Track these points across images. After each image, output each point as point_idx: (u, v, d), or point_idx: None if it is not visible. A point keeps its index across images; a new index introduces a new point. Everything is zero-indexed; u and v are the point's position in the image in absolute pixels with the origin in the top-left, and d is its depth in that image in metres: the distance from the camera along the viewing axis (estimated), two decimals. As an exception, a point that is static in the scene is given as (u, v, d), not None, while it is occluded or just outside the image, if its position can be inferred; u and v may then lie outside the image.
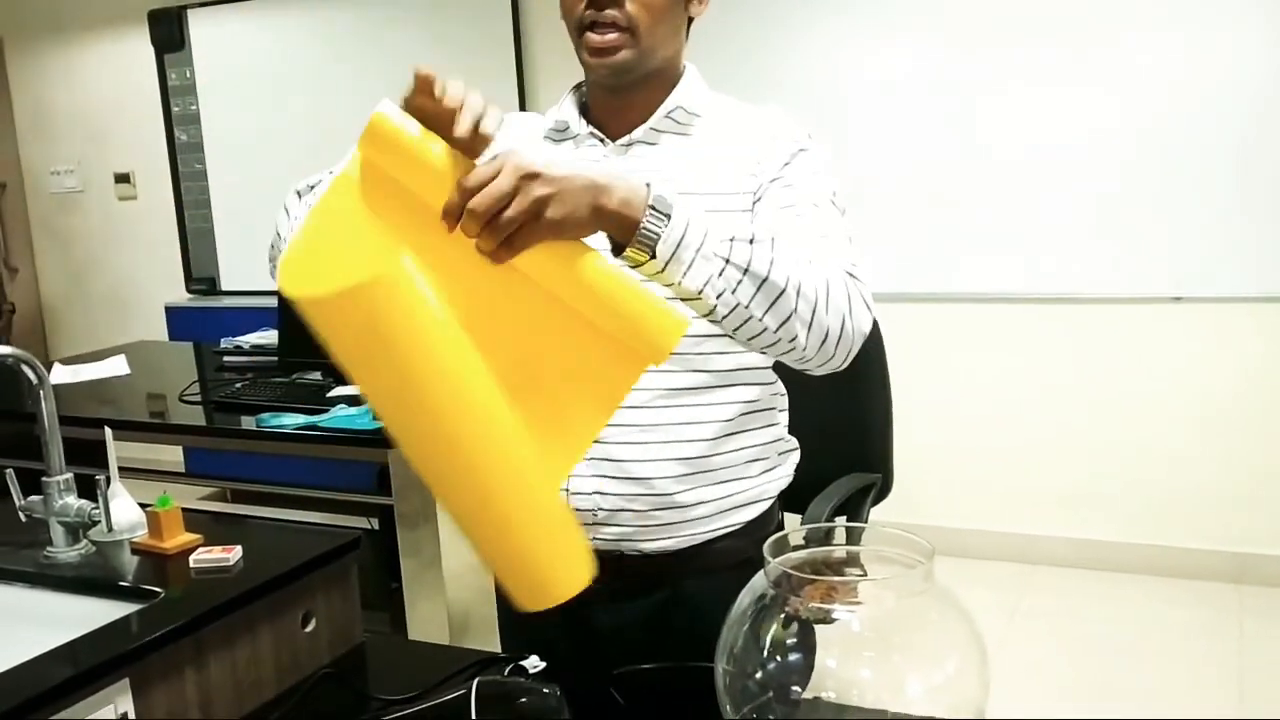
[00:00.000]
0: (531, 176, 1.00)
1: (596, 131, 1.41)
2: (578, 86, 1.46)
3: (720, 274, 1.10)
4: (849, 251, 1.28)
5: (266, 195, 5.03)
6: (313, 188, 1.39)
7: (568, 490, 1.35)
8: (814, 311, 1.15)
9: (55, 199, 5.70)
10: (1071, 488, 3.86)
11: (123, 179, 5.49)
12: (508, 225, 0.98)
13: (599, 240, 1.07)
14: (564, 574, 1.03)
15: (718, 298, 1.10)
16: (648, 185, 1.08)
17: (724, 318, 1.13)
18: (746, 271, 1.11)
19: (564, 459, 1.07)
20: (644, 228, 1.06)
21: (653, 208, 1.06)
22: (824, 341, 1.17)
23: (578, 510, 1.36)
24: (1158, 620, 3.48)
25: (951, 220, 3.83)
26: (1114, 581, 3.75)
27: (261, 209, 5.00)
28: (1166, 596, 3.62)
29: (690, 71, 1.43)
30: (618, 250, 1.08)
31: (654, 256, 1.07)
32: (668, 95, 1.39)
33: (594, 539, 1.37)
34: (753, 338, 1.15)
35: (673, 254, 1.07)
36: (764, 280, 1.11)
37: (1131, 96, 3.56)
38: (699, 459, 1.36)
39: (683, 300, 1.12)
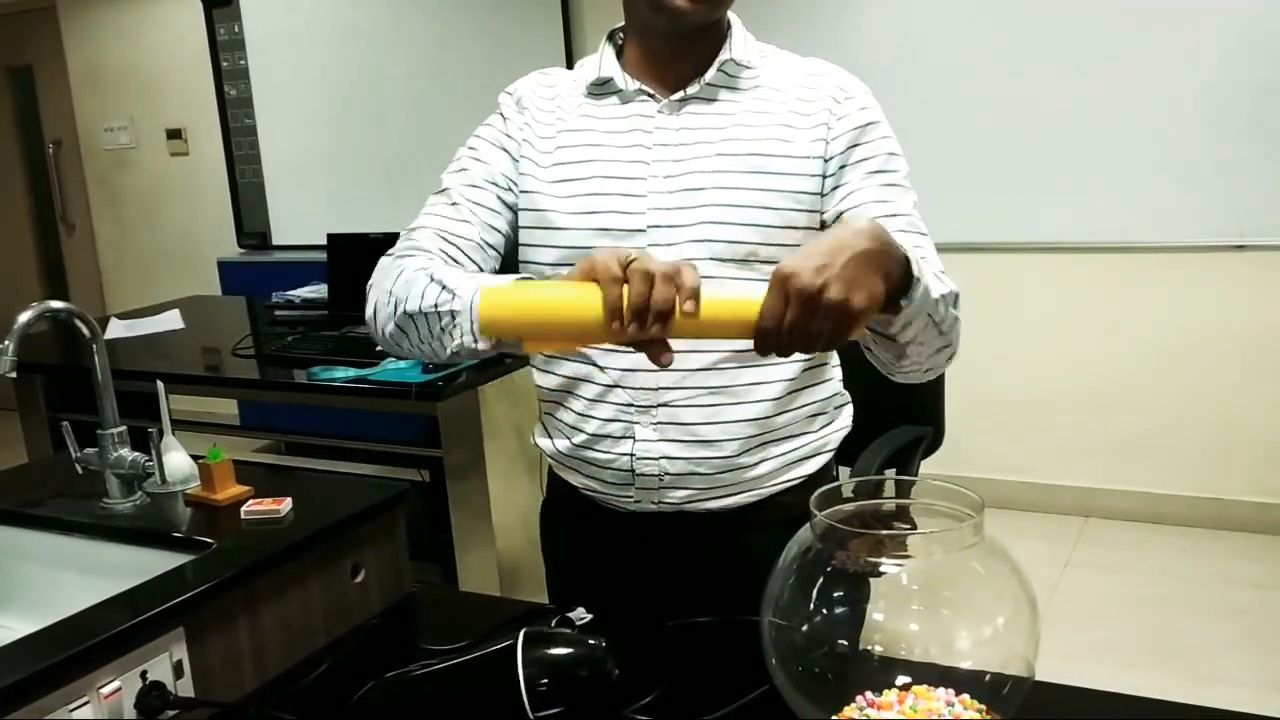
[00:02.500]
0: (816, 295, 0.95)
1: (645, 88, 1.34)
2: (612, 35, 1.40)
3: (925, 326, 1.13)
4: (936, 254, 1.28)
5: (316, 149, 5.08)
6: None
7: (633, 455, 1.33)
8: (950, 344, 1.22)
9: (109, 155, 5.76)
10: (1126, 439, 3.80)
11: (174, 135, 5.54)
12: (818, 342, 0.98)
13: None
14: None
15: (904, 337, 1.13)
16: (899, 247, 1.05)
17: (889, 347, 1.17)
18: (938, 328, 1.16)
19: None
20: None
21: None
22: (940, 362, 1.24)
23: (643, 474, 1.34)
24: (1213, 574, 3.43)
25: (1006, 168, 3.75)
26: (1169, 534, 3.70)
27: (311, 163, 5.05)
28: (1223, 550, 3.57)
29: (736, 21, 1.37)
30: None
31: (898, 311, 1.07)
32: (720, 47, 1.33)
33: (660, 501, 1.36)
34: (915, 343, 1.16)
35: (914, 310, 1.08)
36: (940, 329, 1.16)
37: (1190, 40, 3.45)
38: (766, 419, 1.34)
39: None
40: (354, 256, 3.40)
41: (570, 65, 4.60)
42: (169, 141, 5.56)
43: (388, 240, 3.42)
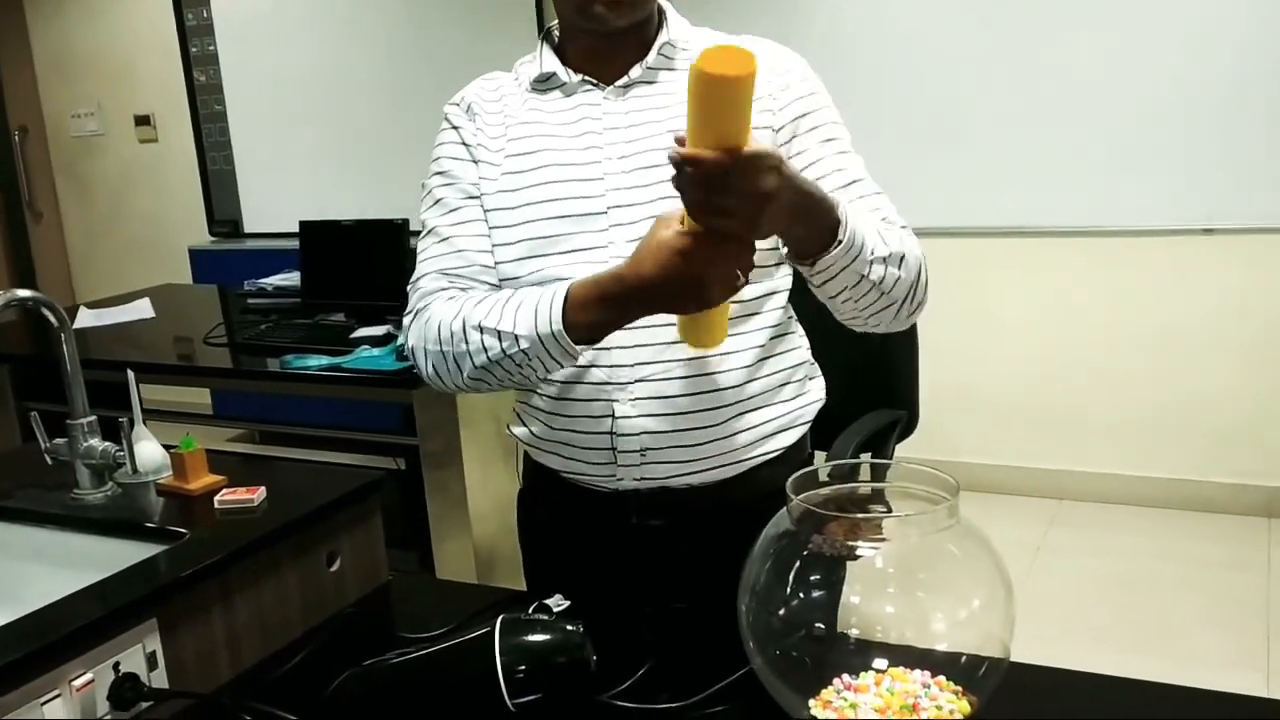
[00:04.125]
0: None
1: (589, 79, 1.37)
2: (547, 34, 1.43)
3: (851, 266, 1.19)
4: (899, 219, 1.33)
5: (287, 136, 5.04)
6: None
7: (613, 433, 1.34)
8: (894, 303, 1.26)
9: (77, 142, 5.69)
10: (1099, 423, 3.83)
11: (143, 121, 5.47)
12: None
13: None
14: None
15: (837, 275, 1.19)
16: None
17: (827, 282, 1.21)
18: (878, 287, 1.23)
19: None
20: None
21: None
22: (888, 319, 1.29)
23: (625, 451, 1.35)
24: (1185, 555, 3.46)
25: (973, 153, 3.76)
26: (1141, 516, 3.73)
27: (282, 150, 5.01)
28: (1195, 531, 3.61)
29: (667, 5, 1.40)
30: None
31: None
32: (656, 32, 1.37)
33: (641, 478, 1.36)
34: (843, 298, 1.23)
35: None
36: (880, 288, 1.23)
37: (1157, 25, 3.47)
38: (739, 387, 1.36)
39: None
40: (327, 244, 3.38)
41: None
42: (138, 128, 5.49)
43: (360, 227, 3.42)
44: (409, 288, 1.39)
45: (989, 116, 3.72)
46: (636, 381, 1.33)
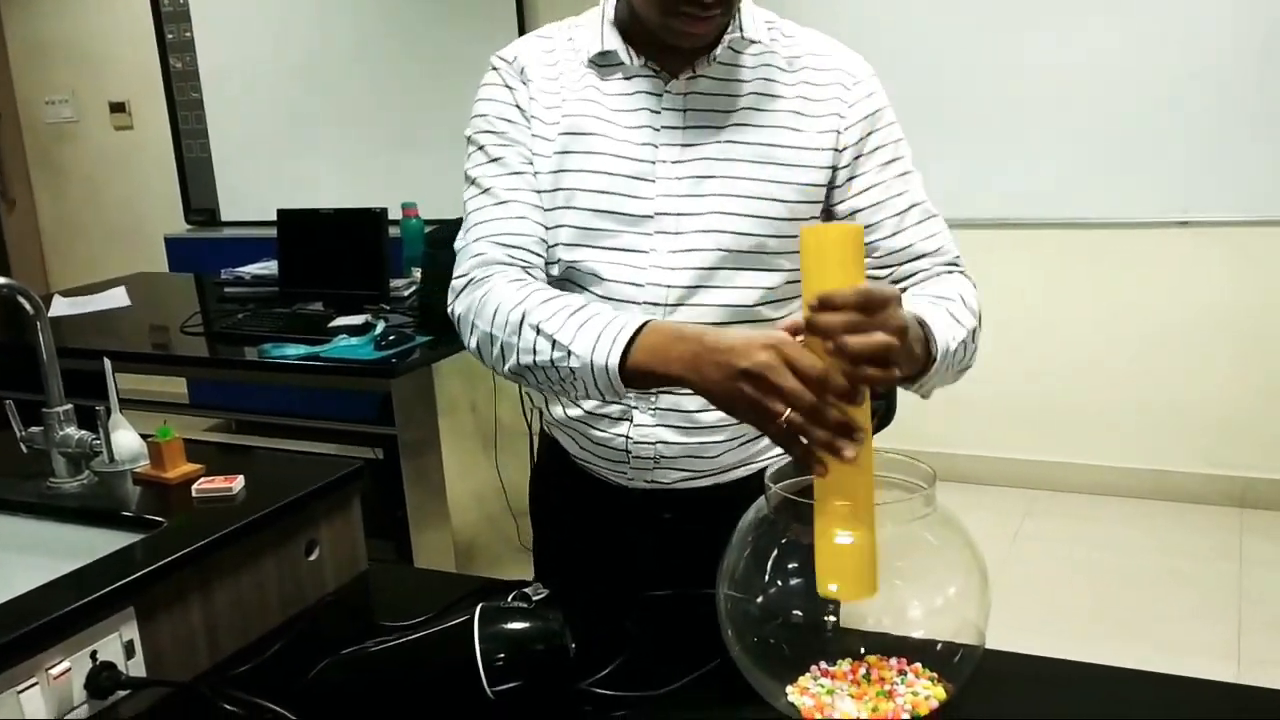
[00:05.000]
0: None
1: (652, 64, 1.28)
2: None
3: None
4: (954, 244, 1.33)
5: (265, 123, 5.00)
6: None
7: (628, 438, 1.32)
8: (967, 368, 1.27)
9: (50, 129, 5.64)
10: (1074, 413, 3.87)
11: (118, 108, 5.42)
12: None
13: None
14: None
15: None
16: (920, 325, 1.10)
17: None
18: (958, 370, 1.22)
19: None
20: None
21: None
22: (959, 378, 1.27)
23: (638, 457, 1.33)
24: (1159, 544, 3.50)
25: (949, 145, 3.78)
26: (1117, 506, 3.77)
27: (260, 137, 4.98)
28: (1169, 520, 3.64)
29: None
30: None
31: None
32: (728, 20, 1.27)
33: (653, 480, 1.35)
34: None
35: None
36: (959, 369, 1.23)
37: (1132, 19, 3.49)
38: None
39: None
40: (305, 233, 3.36)
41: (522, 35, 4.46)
42: (113, 115, 5.45)
43: (338, 216, 3.40)
44: (458, 247, 1.30)
45: (963, 109, 3.74)
46: (660, 393, 1.30)
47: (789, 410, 0.95)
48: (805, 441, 0.95)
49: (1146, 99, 3.53)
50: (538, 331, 1.16)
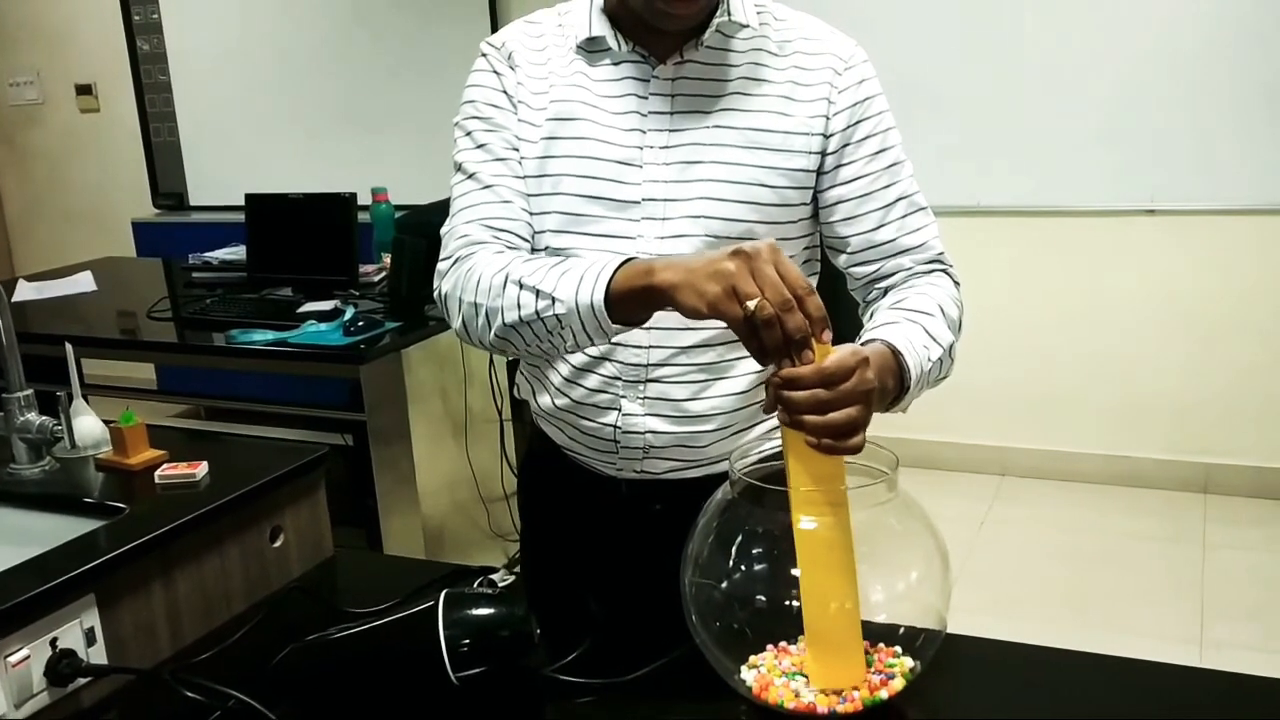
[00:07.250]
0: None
1: (640, 49, 1.27)
2: None
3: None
4: (938, 240, 1.36)
5: (233, 107, 4.95)
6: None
7: (617, 426, 1.31)
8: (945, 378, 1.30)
9: (15, 111, 5.56)
10: (1041, 399, 3.90)
11: (84, 90, 5.35)
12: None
13: None
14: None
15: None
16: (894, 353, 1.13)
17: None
18: (934, 382, 1.25)
19: None
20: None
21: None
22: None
23: (627, 447, 1.32)
24: (1123, 529, 3.54)
25: (917, 134, 3.77)
26: (1082, 491, 3.80)
27: (228, 121, 4.93)
28: (1133, 506, 3.68)
29: None
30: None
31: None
32: (717, 5, 1.26)
33: (641, 470, 1.34)
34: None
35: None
36: (934, 384, 1.26)
37: (1101, 7, 3.51)
38: (749, 392, 1.32)
39: None
40: (274, 217, 3.33)
41: (494, 24, 4.44)
42: (79, 97, 5.37)
43: (307, 201, 3.37)
44: (444, 232, 1.31)
45: (931, 98, 3.74)
46: (648, 382, 1.29)
47: (761, 298, 0.97)
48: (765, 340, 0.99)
49: (1113, 88, 3.55)
50: (520, 286, 1.17)
